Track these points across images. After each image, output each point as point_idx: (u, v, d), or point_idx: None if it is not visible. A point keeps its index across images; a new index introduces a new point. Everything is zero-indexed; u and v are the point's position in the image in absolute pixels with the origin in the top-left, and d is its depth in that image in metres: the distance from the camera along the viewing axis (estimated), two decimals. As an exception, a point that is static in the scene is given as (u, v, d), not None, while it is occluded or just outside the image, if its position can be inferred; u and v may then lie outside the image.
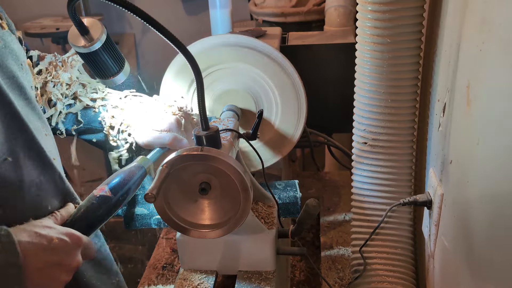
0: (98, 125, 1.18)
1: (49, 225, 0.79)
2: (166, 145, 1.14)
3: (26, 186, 0.79)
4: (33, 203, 0.80)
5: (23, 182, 0.78)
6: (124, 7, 0.80)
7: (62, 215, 0.86)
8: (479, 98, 0.78)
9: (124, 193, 0.92)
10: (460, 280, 0.90)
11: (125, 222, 1.29)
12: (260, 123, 1.12)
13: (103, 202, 0.89)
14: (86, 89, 1.21)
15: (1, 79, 0.78)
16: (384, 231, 1.21)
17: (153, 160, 1.07)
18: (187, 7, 3.59)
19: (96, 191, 0.90)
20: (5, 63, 0.81)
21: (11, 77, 0.82)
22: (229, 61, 1.36)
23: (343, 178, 1.91)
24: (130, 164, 1.00)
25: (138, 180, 0.97)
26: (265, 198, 1.23)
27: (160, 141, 1.14)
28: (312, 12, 2.46)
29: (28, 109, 0.85)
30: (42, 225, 0.78)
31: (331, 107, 1.68)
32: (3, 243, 0.69)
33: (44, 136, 0.87)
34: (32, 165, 0.81)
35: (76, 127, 1.17)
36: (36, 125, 0.86)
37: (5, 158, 0.75)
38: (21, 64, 0.88)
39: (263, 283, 1.07)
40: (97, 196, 0.89)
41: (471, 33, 0.82)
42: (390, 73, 1.08)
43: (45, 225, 0.78)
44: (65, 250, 0.78)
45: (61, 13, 3.46)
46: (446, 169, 0.97)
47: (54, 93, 1.15)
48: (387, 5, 1.02)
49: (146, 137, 1.15)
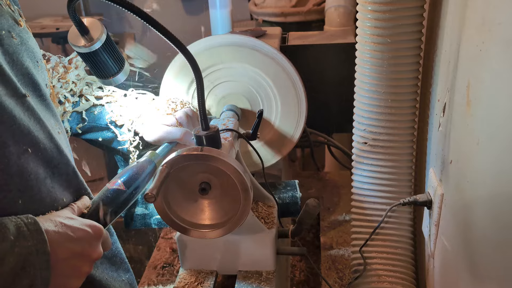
0: (102, 122, 1.18)
1: (71, 216, 0.80)
2: (177, 140, 1.13)
3: (42, 178, 0.79)
4: (49, 194, 0.81)
5: (39, 174, 0.79)
6: (124, 7, 0.80)
7: (78, 207, 0.86)
8: (479, 98, 0.78)
9: (136, 186, 0.93)
10: (460, 280, 0.90)
11: (125, 222, 1.29)
12: (260, 123, 1.12)
13: (117, 195, 0.90)
14: (91, 88, 1.22)
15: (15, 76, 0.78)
16: (384, 231, 1.21)
17: (162, 155, 1.07)
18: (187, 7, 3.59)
19: (110, 185, 0.91)
20: (20, 60, 0.82)
21: (26, 74, 0.82)
22: (229, 61, 1.36)
23: (343, 178, 1.91)
24: (140, 159, 1.00)
25: (148, 175, 0.98)
26: (265, 198, 1.23)
27: (171, 136, 1.13)
28: (312, 12, 2.46)
29: (43, 107, 0.85)
30: (65, 216, 0.78)
31: (331, 107, 1.68)
32: (31, 231, 0.69)
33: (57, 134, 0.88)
34: (50, 158, 0.81)
35: (82, 124, 1.17)
36: (50, 122, 0.86)
37: (26, 149, 0.76)
38: (37, 61, 0.88)
39: (263, 283, 1.07)
40: (111, 189, 0.90)
41: (471, 33, 0.82)
42: (390, 73, 1.08)
43: (67, 216, 0.79)
44: (88, 240, 0.78)
45: (61, 13, 3.46)
46: (446, 169, 0.97)
47: (61, 92, 1.16)
48: (387, 5, 1.02)
49: (155, 133, 1.15)
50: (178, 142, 1.14)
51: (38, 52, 0.92)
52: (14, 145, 0.73)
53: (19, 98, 0.76)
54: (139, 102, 1.22)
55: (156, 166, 1.02)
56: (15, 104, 0.75)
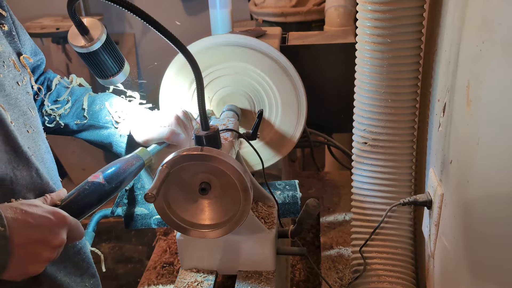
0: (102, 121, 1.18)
1: (36, 204, 0.81)
2: (164, 139, 1.14)
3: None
4: (5, 195, 0.82)
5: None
6: (124, 7, 0.80)
7: (52, 198, 0.88)
8: (479, 98, 0.78)
9: (118, 182, 0.94)
10: (460, 280, 0.90)
11: (125, 222, 1.29)
12: (260, 123, 1.12)
13: (95, 188, 0.90)
14: None
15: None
16: (384, 231, 1.21)
17: (152, 153, 1.07)
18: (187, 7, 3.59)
19: (91, 178, 0.92)
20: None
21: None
22: (229, 61, 1.36)
23: (343, 178, 1.91)
24: (128, 155, 1.01)
25: (135, 171, 0.98)
26: (265, 198, 1.23)
27: (158, 135, 1.14)
28: (312, 12, 2.46)
29: (9, 106, 0.87)
30: (29, 204, 0.80)
31: (331, 107, 1.68)
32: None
33: (25, 132, 0.89)
34: (7, 160, 0.83)
35: (80, 122, 1.18)
36: (18, 121, 0.87)
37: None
38: (3, 61, 0.90)
39: (263, 283, 1.07)
40: (90, 182, 0.90)
41: (471, 33, 0.82)
42: (390, 73, 1.08)
43: (31, 204, 0.80)
44: (49, 227, 0.79)
45: (61, 13, 3.46)
46: (446, 169, 0.97)
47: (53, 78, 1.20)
48: (387, 5, 1.02)
49: (145, 134, 1.15)
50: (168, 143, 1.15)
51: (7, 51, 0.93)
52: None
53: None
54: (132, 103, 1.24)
55: (145, 163, 1.02)
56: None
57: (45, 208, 0.81)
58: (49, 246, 0.79)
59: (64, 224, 0.82)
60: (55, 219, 0.80)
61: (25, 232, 0.75)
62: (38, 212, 0.78)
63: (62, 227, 0.81)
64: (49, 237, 0.79)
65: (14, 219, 0.74)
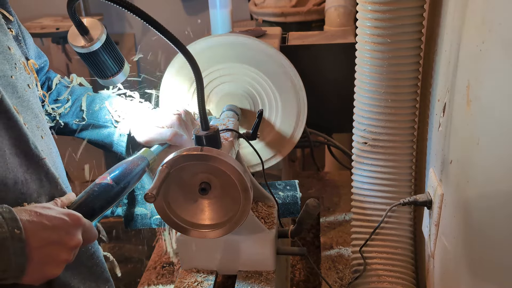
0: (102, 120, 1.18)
1: (49, 206, 0.80)
2: (166, 141, 1.14)
3: (11, 183, 0.80)
4: (17, 200, 0.82)
5: (7, 178, 0.79)
6: (124, 7, 0.80)
7: (62, 201, 0.87)
8: (479, 98, 0.78)
9: (126, 182, 0.93)
10: (460, 280, 0.90)
11: (125, 222, 1.29)
12: (260, 123, 1.12)
13: (104, 190, 0.90)
14: None
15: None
16: (384, 231, 1.21)
17: (155, 154, 1.07)
18: (187, 7, 3.59)
19: (98, 180, 0.91)
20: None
21: (2, 76, 0.83)
22: (229, 61, 1.36)
23: (343, 178, 1.91)
24: (133, 155, 1.00)
25: (140, 171, 0.98)
26: (265, 198, 1.23)
27: (161, 136, 1.14)
28: (312, 12, 2.46)
29: (22, 108, 0.86)
30: (42, 206, 0.79)
31: (331, 107, 1.68)
32: (6, 219, 0.70)
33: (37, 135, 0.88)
34: (18, 163, 0.82)
35: (78, 121, 1.18)
36: (31, 124, 0.86)
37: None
38: (14, 63, 0.89)
39: (263, 283, 1.07)
40: (98, 184, 0.90)
41: (471, 33, 0.82)
42: (390, 73, 1.08)
43: (44, 206, 0.80)
44: (65, 229, 0.78)
45: (61, 13, 3.46)
46: (446, 169, 0.97)
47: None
48: (387, 5, 1.02)
49: (147, 134, 1.15)
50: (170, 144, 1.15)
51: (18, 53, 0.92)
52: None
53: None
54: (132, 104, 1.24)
55: (149, 164, 1.02)
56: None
57: (59, 210, 0.80)
58: (66, 247, 0.78)
59: (79, 224, 0.81)
60: (70, 220, 0.79)
61: (42, 234, 0.75)
62: (52, 214, 0.78)
63: (78, 228, 0.81)
64: (65, 238, 0.78)
65: (30, 221, 0.74)
